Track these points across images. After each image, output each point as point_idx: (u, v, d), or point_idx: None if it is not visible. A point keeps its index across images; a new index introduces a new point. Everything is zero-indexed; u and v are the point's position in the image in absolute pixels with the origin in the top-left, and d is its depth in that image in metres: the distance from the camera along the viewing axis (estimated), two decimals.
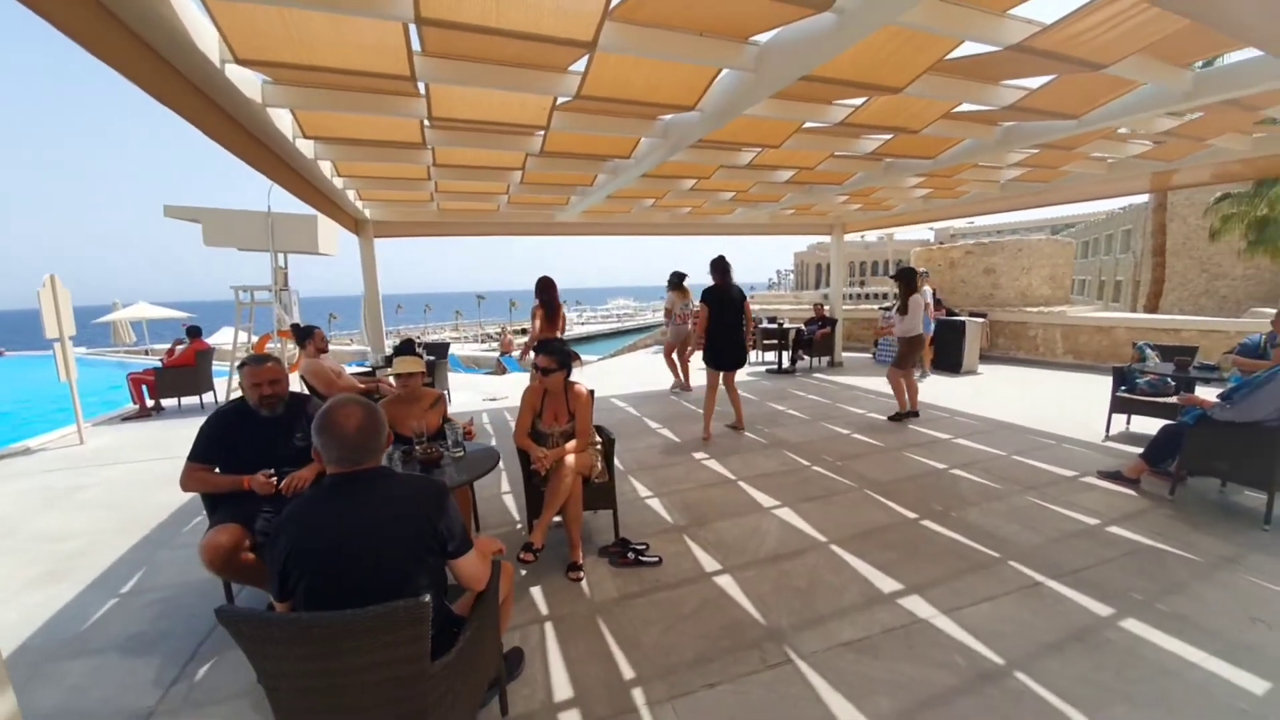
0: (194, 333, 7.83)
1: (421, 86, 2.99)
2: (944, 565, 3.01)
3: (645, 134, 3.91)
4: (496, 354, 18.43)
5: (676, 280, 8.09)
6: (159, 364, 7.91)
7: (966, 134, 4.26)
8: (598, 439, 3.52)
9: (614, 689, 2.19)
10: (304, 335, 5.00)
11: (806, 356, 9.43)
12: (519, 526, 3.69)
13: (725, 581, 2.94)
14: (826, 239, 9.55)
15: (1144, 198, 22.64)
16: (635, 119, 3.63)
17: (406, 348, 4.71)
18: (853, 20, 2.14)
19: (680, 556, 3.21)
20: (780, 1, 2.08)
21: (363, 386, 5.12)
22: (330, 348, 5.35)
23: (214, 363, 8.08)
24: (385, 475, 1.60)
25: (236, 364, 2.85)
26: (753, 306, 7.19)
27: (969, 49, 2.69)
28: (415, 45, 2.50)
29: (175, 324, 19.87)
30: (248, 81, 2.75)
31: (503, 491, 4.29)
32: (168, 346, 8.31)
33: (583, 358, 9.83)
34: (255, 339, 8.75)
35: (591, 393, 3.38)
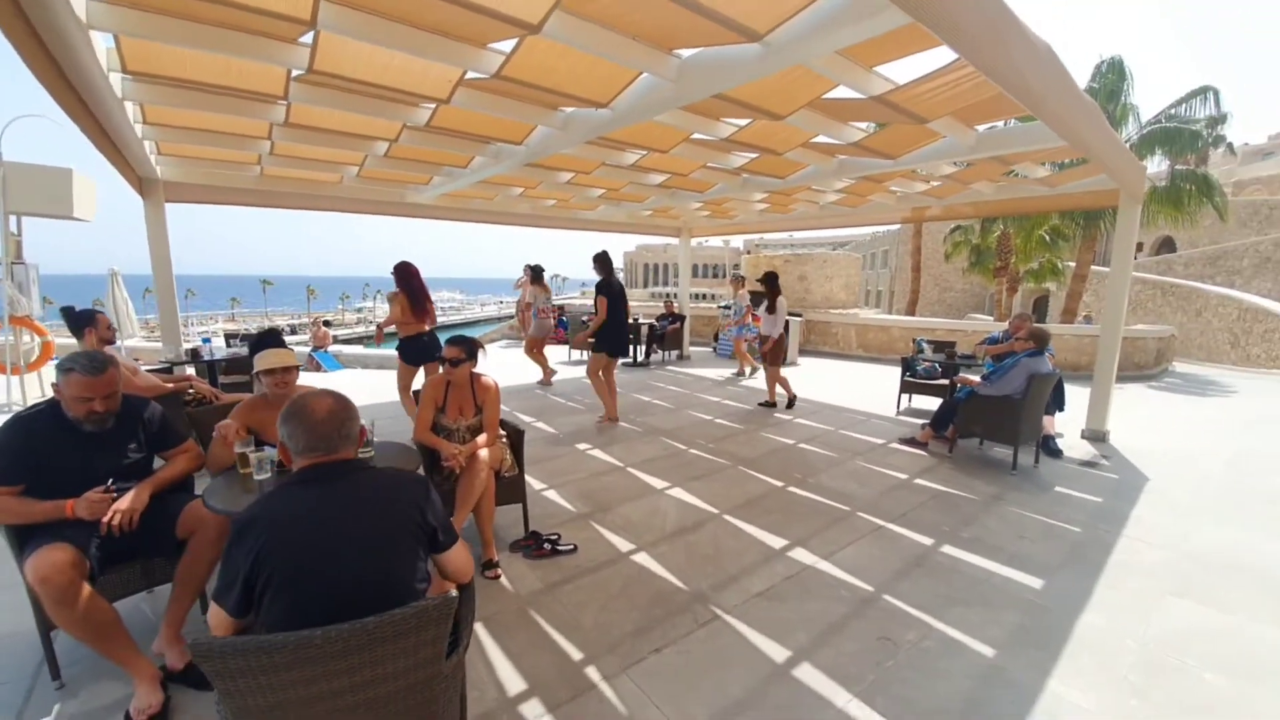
0: None
1: (309, 35, 2.60)
2: (814, 521, 3.59)
3: (544, 122, 3.87)
4: (308, 349, 16.00)
5: (538, 274, 8.04)
6: None
7: (813, 161, 5.04)
8: (502, 432, 3.42)
9: (567, 672, 2.23)
10: (82, 322, 3.90)
11: (659, 350, 10.08)
12: None
13: (642, 558, 3.12)
14: (653, 240, 10.27)
15: (896, 226, 28.68)
16: (540, 106, 3.58)
17: (272, 338, 3.90)
18: (775, 54, 2.47)
19: (593, 542, 3.31)
20: (719, 25, 2.31)
21: (170, 387, 4.18)
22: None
23: None
24: (363, 466, 1.51)
25: (57, 364, 2.19)
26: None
27: (840, 92, 3.24)
28: None
29: None
30: None
31: None
32: None
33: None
34: None
35: (498, 385, 3.28)
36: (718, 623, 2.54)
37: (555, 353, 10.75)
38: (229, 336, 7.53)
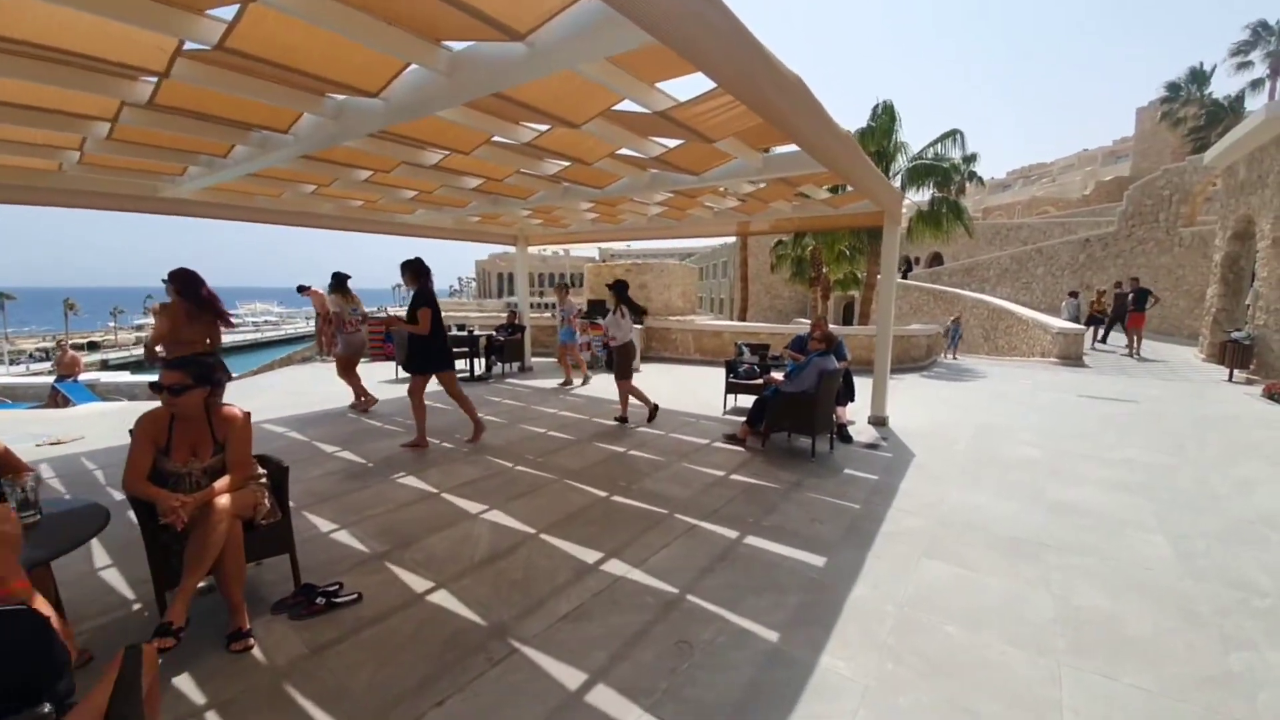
0: None
1: None
2: (631, 528, 3.57)
3: (310, 110, 3.39)
4: (52, 378, 12.65)
5: (339, 282, 7.03)
6: None
7: (625, 173, 5.14)
8: (261, 471, 2.87)
9: None
10: None
11: (499, 362, 9.65)
12: (138, 607, 2.73)
13: (441, 597, 2.82)
14: (508, 248, 9.96)
15: (733, 238, 31.43)
16: (299, 90, 3.11)
17: None
18: (540, 56, 2.39)
19: (385, 585, 2.93)
20: (476, 20, 2.15)
21: None
22: None
23: None
24: None
25: None
26: (443, 314, 6.66)
27: (629, 105, 3.28)
28: None
29: None
30: None
31: (100, 567, 3.08)
32: None
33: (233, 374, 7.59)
34: None
35: (248, 415, 2.74)
36: (514, 657, 2.35)
37: (384, 370, 9.80)
38: None
